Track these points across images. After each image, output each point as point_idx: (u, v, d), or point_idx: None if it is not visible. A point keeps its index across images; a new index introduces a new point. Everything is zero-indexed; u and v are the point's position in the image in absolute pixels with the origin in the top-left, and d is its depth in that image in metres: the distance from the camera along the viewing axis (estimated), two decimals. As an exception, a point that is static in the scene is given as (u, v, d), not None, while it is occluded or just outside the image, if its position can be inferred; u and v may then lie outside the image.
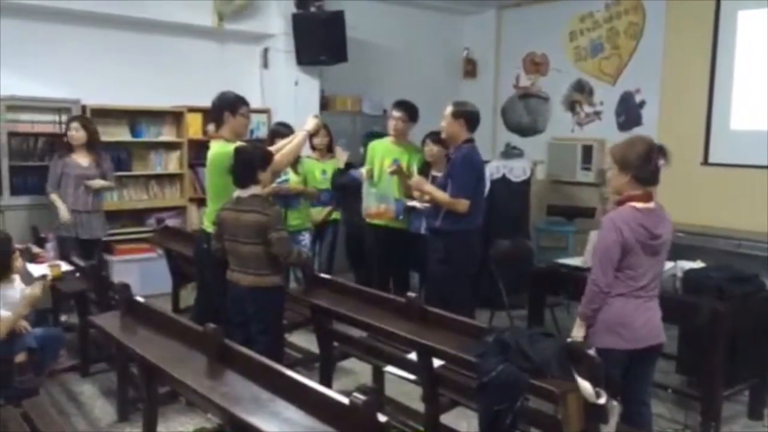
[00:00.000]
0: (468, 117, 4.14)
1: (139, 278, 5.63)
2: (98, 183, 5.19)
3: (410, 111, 4.84)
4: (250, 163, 3.50)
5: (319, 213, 5.22)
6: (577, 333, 2.86)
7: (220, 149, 3.74)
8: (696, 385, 3.77)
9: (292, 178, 4.86)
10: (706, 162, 6.27)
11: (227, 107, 3.81)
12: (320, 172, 5.21)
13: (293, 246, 3.59)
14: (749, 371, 3.72)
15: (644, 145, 2.81)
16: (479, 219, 4.23)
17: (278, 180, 4.64)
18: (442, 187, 4.16)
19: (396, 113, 4.84)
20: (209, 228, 3.78)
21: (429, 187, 4.23)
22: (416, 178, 4.34)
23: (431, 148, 4.82)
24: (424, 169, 4.73)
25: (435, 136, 4.79)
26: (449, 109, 4.14)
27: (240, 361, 2.46)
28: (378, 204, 4.74)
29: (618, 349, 2.79)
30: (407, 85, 7.35)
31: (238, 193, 3.53)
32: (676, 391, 3.86)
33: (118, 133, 6.00)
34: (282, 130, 4.91)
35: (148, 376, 2.90)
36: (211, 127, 4.57)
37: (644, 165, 2.78)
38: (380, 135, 5.21)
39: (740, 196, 5.94)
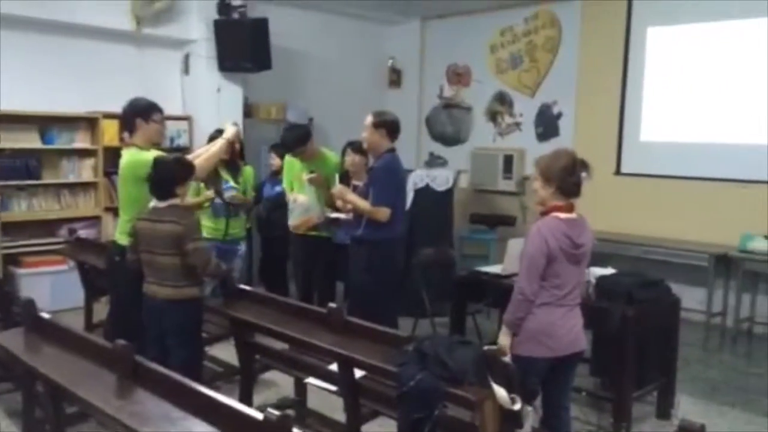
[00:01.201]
0: (388, 126, 4.16)
1: (50, 292, 5.39)
2: None
3: (295, 140, 4.73)
4: (169, 175, 3.42)
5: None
6: (503, 341, 2.92)
7: (133, 157, 3.63)
8: (608, 387, 3.91)
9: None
10: (618, 172, 6.55)
11: (139, 114, 3.73)
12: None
13: (212, 256, 3.52)
14: (657, 372, 3.90)
15: (568, 158, 2.92)
16: (401, 228, 4.27)
17: (225, 186, 4.59)
18: (364, 195, 4.17)
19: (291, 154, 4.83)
20: (122, 239, 3.66)
21: (351, 196, 4.23)
22: (339, 187, 4.34)
23: (352, 158, 4.84)
24: (344, 179, 4.72)
25: (356, 146, 4.82)
26: (369, 120, 4.16)
27: (151, 378, 2.38)
28: (302, 213, 4.70)
29: (542, 357, 2.87)
30: (333, 94, 7.37)
31: (154, 203, 3.43)
32: (589, 394, 3.99)
33: (28, 140, 5.71)
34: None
35: (53, 396, 2.76)
36: (127, 135, 4.42)
37: (568, 177, 2.88)
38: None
39: (649, 205, 6.24)
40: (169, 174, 3.42)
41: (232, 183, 4.64)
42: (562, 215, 2.88)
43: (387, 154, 4.17)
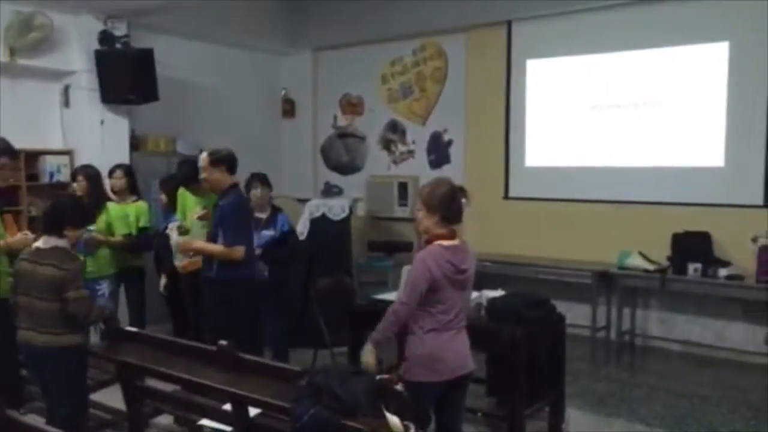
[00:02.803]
0: (227, 162, 4.14)
1: None
2: None
3: (187, 176, 4.68)
4: (62, 214, 3.31)
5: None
6: (369, 359, 2.97)
7: None
8: (503, 406, 4.03)
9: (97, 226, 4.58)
10: (506, 196, 6.84)
11: None
12: (123, 217, 4.99)
13: (94, 304, 3.37)
14: (548, 388, 4.05)
15: (448, 186, 3.03)
16: (254, 265, 4.30)
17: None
18: (214, 237, 4.11)
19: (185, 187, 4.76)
20: None
21: (197, 245, 4.21)
22: (181, 240, 4.29)
23: (256, 192, 4.79)
24: None
25: (262, 179, 4.88)
26: (206, 159, 4.13)
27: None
28: (186, 257, 4.55)
29: (432, 381, 2.93)
30: (225, 125, 7.25)
31: (38, 243, 3.29)
32: (485, 414, 4.10)
33: None
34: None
35: None
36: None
37: (449, 205, 2.98)
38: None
39: (537, 227, 6.54)
40: (63, 212, 3.32)
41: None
42: (446, 243, 2.98)
43: (231, 191, 4.14)
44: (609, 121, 6.25)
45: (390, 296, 4.44)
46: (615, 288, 5.95)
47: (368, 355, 2.97)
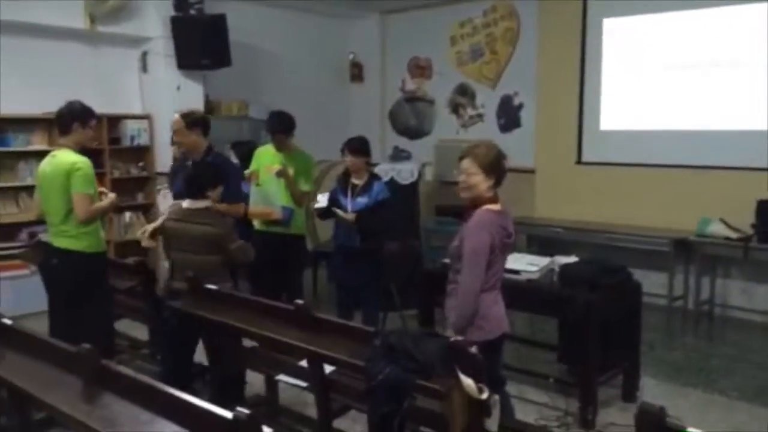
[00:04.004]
0: (203, 124, 4.07)
1: (12, 297, 5.26)
2: None
3: (283, 124, 4.71)
4: (205, 176, 3.67)
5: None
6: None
7: (71, 157, 3.75)
8: (575, 373, 3.99)
9: None
10: (579, 161, 6.66)
11: (78, 118, 3.80)
12: None
13: (251, 247, 3.75)
14: (622, 357, 3.99)
15: (498, 150, 2.98)
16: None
17: None
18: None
19: (267, 133, 4.84)
20: (58, 242, 3.82)
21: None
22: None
23: (351, 160, 4.60)
24: (344, 178, 4.66)
25: (352, 146, 4.61)
26: (180, 122, 4.02)
27: (118, 382, 2.35)
28: (263, 205, 4.66)
29: (481, 340, 2.92)
30: (294, 90, 7.32)
31: (185, 204, 3.61)
32: (557, 380, 4.07)
33: (-18, 143, 5.59)
34: None
35: (19, 403, 2.71)
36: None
37: (501, 169, 2.94)
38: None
39: (611, 193, 6.36)
40: (204, 177, 3.66)
41: None
42: (495, 207, 2.94)
43: (210, 154, 4.08)
44: (688, 81, 5.96)
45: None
46: (694, 256, 5.75)
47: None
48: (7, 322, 3.00)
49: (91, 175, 3.78)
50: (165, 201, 4.14)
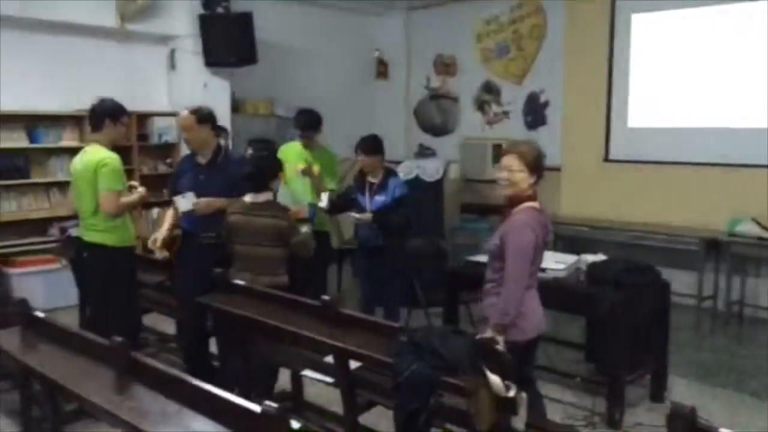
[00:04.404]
0: (213, 119, 3.94)
1: (43, 291, 5.37)
2: None
3: (312, 121, 4.78)
4: (267, 169, 3.74)
5: None
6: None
7: (102, 153, 3.80)
8: (602, 372, 3.95)
9: None
10: (606, 158, 6.58)
11: (109, 115, 3.85)
12: None
13: (312, 239, 3.82)
14: (650, 356, 3.94)
15: (539, 148, 2.98)
16: None
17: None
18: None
19: (296, 130, 4.87)
20: (89, 236, 3.88)
21: (211, 200, 3.86)
22: (202, 201, 3.86)
23: (363, 159, 4.59)
24: (361, 177, 4.67)
25: (364, 146, 4.59)
26: (190, 118, 3.85)
27: (148, 374, 2.39)
28: (291, 203, 4.69)
29: (518, 341, 2.91)
30: (320, 87, 7.35)
31: (247, 198, 3.67)
32: (584, 380, 4.04)
33: (14, 139, 5.69)
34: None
35: (51, 394, 2.77)
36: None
37: (543, 167, 2.94)
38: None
39: (638, 191, 6.28)
40: (266, 170, 3.73)
41: None
42: (536, 205, 2.93)
43: (220, 151, 3.98)
44: (719, 78, 5.85)
45: (485, 258, 4.42)
46: (724, 256, 5.65)
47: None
48: (40, 314, 3.06)
49: (118, 171, 3.83)
50: (185, 200, 3.88)
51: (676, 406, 1.94)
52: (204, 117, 3.88)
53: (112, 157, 3.82)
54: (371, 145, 4.57)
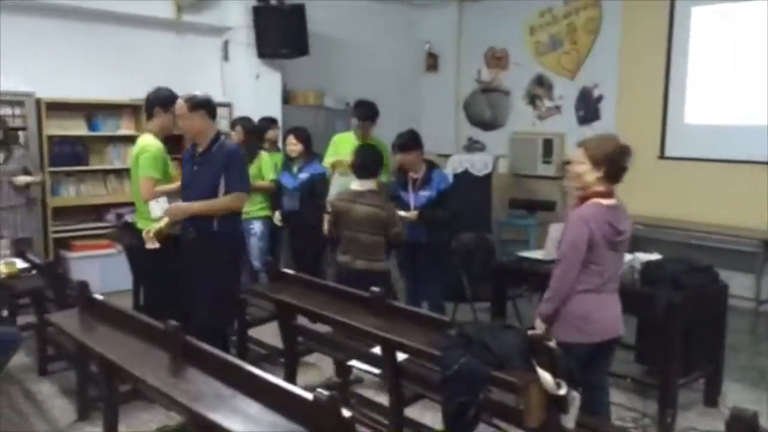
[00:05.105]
0: (206, 106, 3.63)
1: (99, 275, 5.53)
2: (23, 179, 5.12)
3: (372, 111, 4.87)
4: (376, 161, 3.98)
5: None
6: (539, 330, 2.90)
7: (146, 141, 3.91)
8: (654, 374, 3.86)
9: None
10: (662, 156, 6.41)
11: (160, 103, 3.93)
12: (272, 165, 5.30)
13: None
14: (704, 360, 3.83)
15: (616, 143, 2.89)
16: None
17: None
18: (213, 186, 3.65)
19: (354, 121, 4.90)
20: (141, 223, 3.95)
21: (187, 206, 3.67)
22: (172, 207, 3.73)
23: (403, 157, 4.50)
24: (402, 173, 4.60)
25: (402, 143, 4.50)
26: (183, 106, 3.61)
27: (202, 358, 2.43)
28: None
29: (582, 343, 2.85)
30: (369, 79, 7.35)
31: (357, 185, 3.92)
32: (634, 381, 3.95)
33: (75, 127, 5.88)
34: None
35: (108, 374, 2.85)
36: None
37: (616, 163, 2.85)
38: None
39: (695, 189, 6.10)
40: (377, 159, 4.00)
41: None
42: (604, 201, 2.85)
43: (223, 139, 3.74)
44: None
45: (534, 254, 4.37)
46: (784, 258, 5.45)
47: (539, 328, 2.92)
48: (99, 297, 3.15)
49: (157, 158, 3.88)
50: (158, 205, 3.76)
51: (737, 411, 1.88)
52: (197, 104, 3.59)
53: (154, 145, 3.90)
54: (407, 141, 4.45)
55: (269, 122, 5.69)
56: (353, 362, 3.38)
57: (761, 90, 5.75)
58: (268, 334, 4.29)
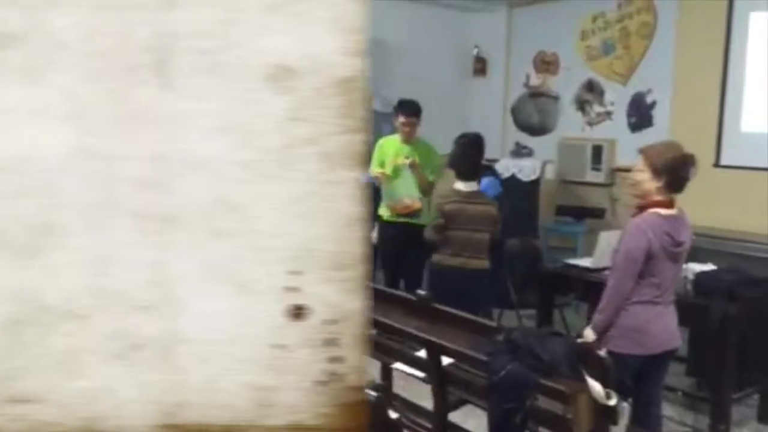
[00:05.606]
0: None
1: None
2: None
3: (416, 108, 4.81)
4: (479, 163, 4.12)
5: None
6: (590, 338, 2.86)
7: None
8: (706, 387, 3.76)
9: None
10: (717, 164, 6.23)
11: None
12: None
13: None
14: (759, 374, 3.71)
15: (679, 151, 2.83)
16: None
17: None
18: None
19: (401, 118, 4.83)
20: None
21: None
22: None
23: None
24: None
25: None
26: None
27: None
28: (408, 197, 4.71)
29: (636, 354, 2.79)
30: (416, 83, 7.34)
31: (458, 186, 4.01)
32: (686, 394, 3.85)
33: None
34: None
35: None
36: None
37: (678, 172, 2.78)
38: None
39: (751, 199, 5.90)
40: (479, 161, 4.13)
41: None
42: (663, 211, 2.78)
43: None
44: None
45: (582, 262, 4.30)
46: None
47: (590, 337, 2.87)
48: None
49: None
50: None
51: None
52: None
53: None
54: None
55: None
56: (397, 365, 3.37)
57: (824, 97, 5.55)
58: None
